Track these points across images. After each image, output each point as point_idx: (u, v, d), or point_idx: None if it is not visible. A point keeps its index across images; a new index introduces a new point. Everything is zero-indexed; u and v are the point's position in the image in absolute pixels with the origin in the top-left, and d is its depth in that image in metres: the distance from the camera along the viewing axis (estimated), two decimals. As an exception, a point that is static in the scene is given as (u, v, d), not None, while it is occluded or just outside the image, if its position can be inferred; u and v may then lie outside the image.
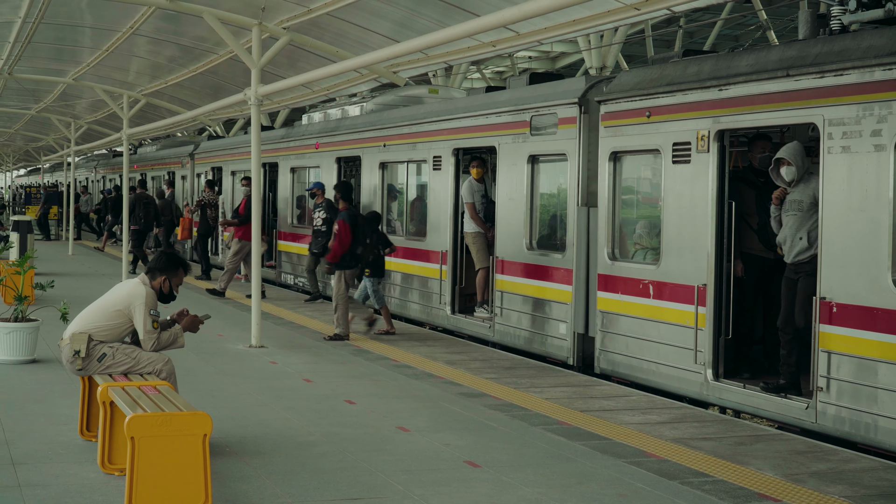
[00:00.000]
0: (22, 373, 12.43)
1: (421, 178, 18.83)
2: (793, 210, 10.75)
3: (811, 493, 7.90)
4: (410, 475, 8.25)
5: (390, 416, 10.45)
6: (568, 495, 7.81)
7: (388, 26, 15.24)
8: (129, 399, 7.73)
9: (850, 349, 9.72)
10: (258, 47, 15.52)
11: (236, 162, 28.38)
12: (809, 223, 10.53)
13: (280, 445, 9.13)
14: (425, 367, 13.21)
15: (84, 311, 9.29)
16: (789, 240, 10.76)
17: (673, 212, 12.02)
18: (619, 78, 13.31)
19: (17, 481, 7.84)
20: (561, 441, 9.51)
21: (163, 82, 25.40)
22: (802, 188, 10.69)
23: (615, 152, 13.10)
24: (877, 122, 9.46)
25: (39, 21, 19.52)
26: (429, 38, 12.62)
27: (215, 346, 14.68)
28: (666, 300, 12.12)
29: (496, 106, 15.83)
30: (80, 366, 8.93)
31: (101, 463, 8.20)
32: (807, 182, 10.66)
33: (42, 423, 9.82)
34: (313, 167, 23.39)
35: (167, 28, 19.40)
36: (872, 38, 9.72)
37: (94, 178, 52.24)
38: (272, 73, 18.82)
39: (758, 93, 10.83)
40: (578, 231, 13.87)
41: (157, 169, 38.43)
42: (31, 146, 60.62)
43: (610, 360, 13.09)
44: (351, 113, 22.07)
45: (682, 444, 9.42)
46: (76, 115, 37.88)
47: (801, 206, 10.66)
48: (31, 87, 31.49)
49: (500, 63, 41.26)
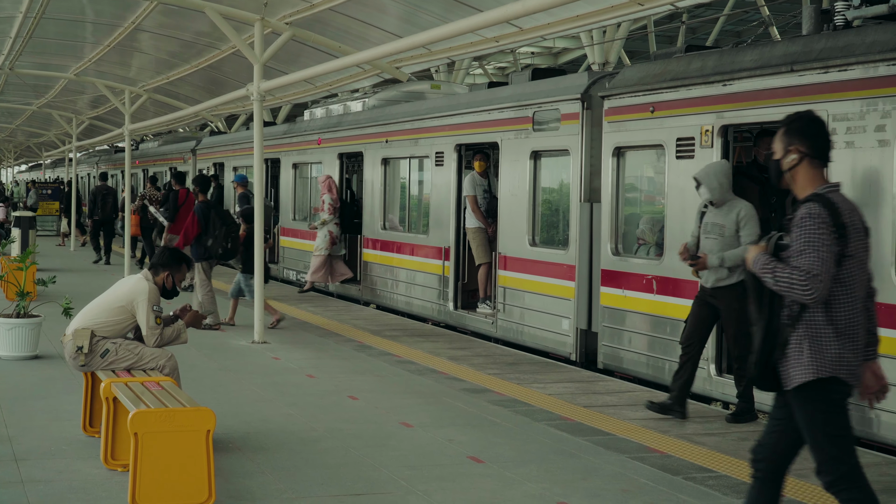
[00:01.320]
0: (24, 369, 12.42)
1: (423, 174, 18.82)
2: (714, 234, 10.18)
3: (814, 489, 7.89)
4: (414, 471, 8.24)
5: (393, 411, 10.44)
6: (571, 491, 7.80)
7: (391, 22, 15.23)
8: (132, 395, 7.72)
9: (854, 345, 9.68)
10: (260, 42, 15.49)
11: (238, 158, 28.37)
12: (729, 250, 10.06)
13: (283, 441, 9.12)
14: (428, 363, 13.21)
15: (87, 307, 9.28)
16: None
17: (676, 207, 12.00)
18: (623, 73, 13.29)
19: (20, 477, 7.84)
20: (564, 437, 9.50)
21: (165, 78, 25.37)
22: (726, 212, 10.17)
23: (618, 148, 13.09)
24: (881, 118, 9.44)
25: (41, 16, 19.50)
26: (431, 34, 12.60)
27: (218, 342, 14.67)
28: (669, 295, 12.11)
29: (499, 102, 15.82)
30: (83, 362, 8.92)
31: (105, 459, 8.19)
32: (731, 207, 10.16)
33: (45, 419, 9.81)
34: (315, 163, 23.38)
35: (169, 23, 19.38)
36: (876, 34, 9.71)
37: (94, 174, 52.26)
38: (274, 69, 18.81)
39: (762, 88, 10.81)
40: (581, 227, 13.86)
41: (159, 164, 38.43)
42: (33, 142, 60.61)
43: (613, 355, 13.08)
44: (353, 108, 22.06)
45: (686, 440, 9.41)
46: (78, 110, 37.85)
47: (723, 232, 10.11)
48: (32, 82, 31.48)
49: (503, 59, 41.22)
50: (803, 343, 5.54)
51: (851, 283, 5.58)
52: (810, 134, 5.83)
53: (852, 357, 5.56)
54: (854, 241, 5.57)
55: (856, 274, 5.60)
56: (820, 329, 5.54)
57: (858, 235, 5.61)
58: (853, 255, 5.57)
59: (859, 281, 5.63)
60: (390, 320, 17.61)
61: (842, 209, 5.55)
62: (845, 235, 5.51)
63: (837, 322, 5.54)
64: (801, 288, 5.42)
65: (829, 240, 5.47)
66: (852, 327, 5.58)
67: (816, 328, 5.54)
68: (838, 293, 5.54)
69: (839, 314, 5.55)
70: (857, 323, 5.60)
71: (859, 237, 5.62)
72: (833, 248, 5.47)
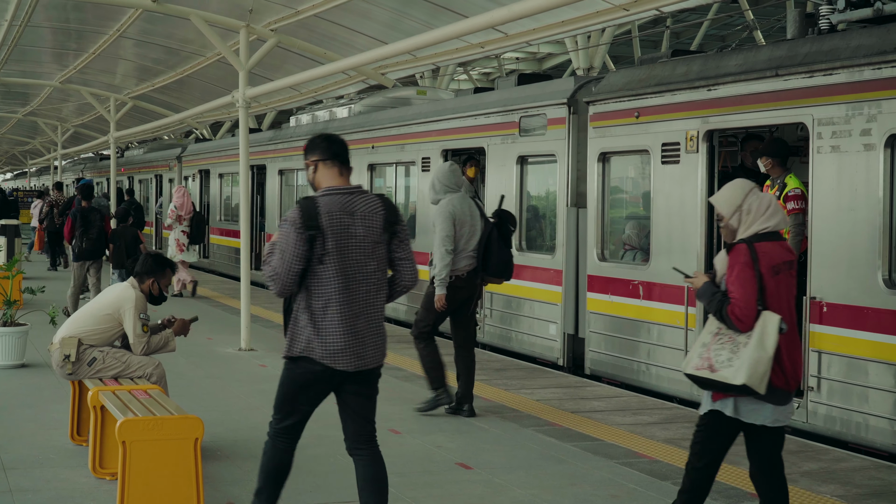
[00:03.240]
0: (11, 377, 12.38)
1: (410, 180, 18.82)
2: None
3: (803, 493, 7.91)
4: (402, 477, 8.23)
5: (381, 418, 10.34)
6: (560, 496, 7.81)
7: (376, 28, 15.23)
8: (119, 403, 7.70)
9: (841, 349, 9.73)
10: (246, 49, 15.49)
11: (224, 164, 28.35)
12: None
13: (271, 449, 9.10)
14: (415, 370, 13.18)
15: (73, 315, 9.26)
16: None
17: (662, 212, 12.02)
18: (608, 78, 13.31)
19: (7, 486, 7.81)
20: (552, 442, 9.50)
21: (150, 85, 25.36)
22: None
23: (604, 153, 13.11)
24: (866, 122, 9.47)
25: (26, 24, 19.47)
26: (416, 40, 12.62)
27: (205, 350, 14.64)
28: (656, 300, 12.13)
29: (485, 107, 15.83)
30: (71, 370, 8.89)
31: (93, 467, 8.17)
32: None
33: (32, 427, 9.78)
34: (301, 169, 23.36)
35: (154, 30, 19.37)
36: (861, 38, 9.74)
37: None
38: (260, 76, 18.80)
39: (747, 93, 10.84)
40: (568, 232, 13.88)
41: (144, 172, 38.37)
42: (18, 150, 60.46)
43: (600, 360, 13.10)
44: (339, 115, 22.06)
45: (674, 445, 9.42)
46: (63, 118, 37.80)
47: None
48: (17, 90, 31.43)
49: (488, 64, 41.27)
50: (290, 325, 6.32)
51: (327, 277, 6.08)
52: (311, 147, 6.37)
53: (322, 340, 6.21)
54: (332, 241, 6.05)
55: (332, 269, 6.08)
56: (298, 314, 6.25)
57: (338, 235, 6.09)
58: (330, 252, 6.06)
59: (340, 275, 6.11)
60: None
61: (321, 211, 6.06)
62: (321, 235, 6.03)
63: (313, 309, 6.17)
64: (269, 283, 6.17)
65: (296, 240, 6.02)
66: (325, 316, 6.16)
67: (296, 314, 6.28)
68: (313, 285, 6.12)
69: (314, 303, 6.15)
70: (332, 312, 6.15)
71: (340, 237, 6.09)
72: (301, 248, 6.02)
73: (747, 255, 6.15)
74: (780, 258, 6.23)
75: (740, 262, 6.16)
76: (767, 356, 6.00)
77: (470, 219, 10.46)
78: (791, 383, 6.19)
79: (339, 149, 6.32)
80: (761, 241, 6.22)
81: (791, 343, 6.19)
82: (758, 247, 6.18)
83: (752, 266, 6.12)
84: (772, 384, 6.08)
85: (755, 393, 6.04)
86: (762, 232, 6.25)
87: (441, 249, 10.32)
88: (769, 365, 6.01)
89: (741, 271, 6.13)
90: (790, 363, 6.16)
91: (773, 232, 6.28)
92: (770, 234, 6.27)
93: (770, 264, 6.17)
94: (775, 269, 6.19)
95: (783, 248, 6.32)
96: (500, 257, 10.57)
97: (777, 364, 6.09)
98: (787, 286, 6.25)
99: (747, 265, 6.13)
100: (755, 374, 5.98)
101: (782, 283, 6.22)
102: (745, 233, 6.28)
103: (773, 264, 6.18)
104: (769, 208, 6.30)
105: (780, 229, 6.36)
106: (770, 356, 6.01)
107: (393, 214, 6.25)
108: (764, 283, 6.12)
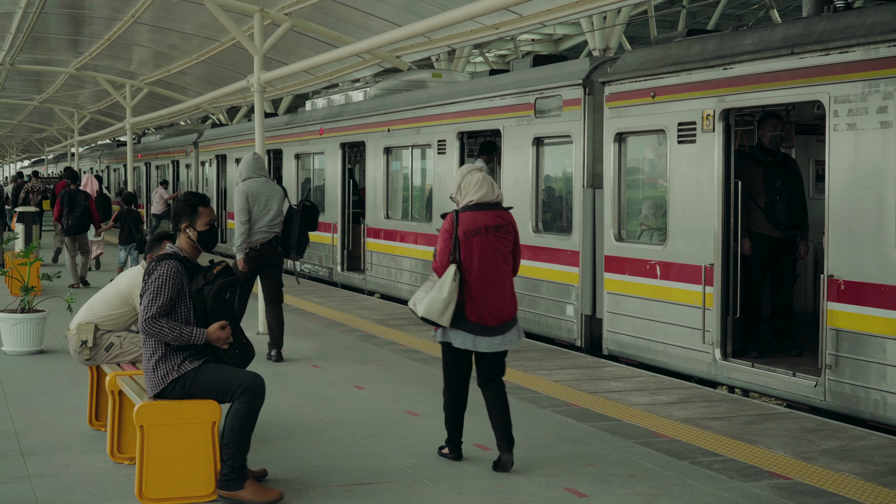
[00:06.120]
0: (29, 364, 12.43)
1: (426, 163, 18.81)
2: None
3: (822, 471, 7.89)
4: (420, 459, 8.24)
5: (399, 400, 10.45)
6: (578, 477, 7.80)
7: (391, 10, 15.21)
8: (137, 388, 7.72)
9: (859, 326, 9.70)
10: (260, 34, 15.48)
11: (240, 150, 28.36)
12: None
13: (289, 432, 9.13)
14: (433, 352, 13.19)
15: (90, 300, 9.27)
16: None
17: (679, 192, 11.99)
18: (623, 59, 13.26)
19: (26, 472, 7.84)
20: (570, 423, 9.50)
21: (165, 71, 25.39)
22: None
23: (620, 133, 13.07)
24: (883, 99, 9.42)
25: (40, 11, 19.51)
26: (431, 22, 12.58)
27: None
28: (673, 280, 12.10)
29: (500, 89, 15.79)
30: (88, 356, 8.91)
31: (111, 452, 8.19)
32: None
33: (51, 413, 9.82)
34: (318, 153, 23.38)
35: (168, 16, 19.39)
36: (877, 15, 9.68)
37: (98, 168, 52.24)
38: (275, 60, 18.81)
39: (763, 71, 10.79)
40: (584, 212, 13.85)
41: (161, 158, 38.42)
42: (35, 137, 60.61)
43: (618, 341, 13.08)
44: (354, 98, 22.04)
45: (692, 424, 9.41)
46: (79, 105, 37.86)
47: None
48: (33, 77, 31.48)
49: (503, 46, 41.20)
50: None
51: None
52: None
53: None
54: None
55: None
56: None
57: None
58: None
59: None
60: (395, 309, 17.60)
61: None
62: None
63: None
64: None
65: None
66: None
67: None
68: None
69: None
70: None
71: None
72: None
73: (450, 221, 7.83)
74: (480, 223, 7.80)
75: (444, 227, 7.85)
76: (441, 297, 7.64)
77: (266, 200, 12.35)
78: (486, 319, 7.81)
79: None
80: (466, 211, 7.83)
81: (485, 287, 7.79)
82: (462, 215, 7.81)
83: (451, 230, 7.78)
84: (466, 318, 7.75)
85: (438, 324, 7.77)
86: (470, 204, 7.85)
87: (237, 222, 12.37)
88: (446, 304, 7.65)
89: (442, 234, 7.84)
90: (483, 303, 7.78)
91: (478, 203, 7.85)
92: (476, 204, 7.85)
93: (466, 228, 7.75)
94: (472, 232, 7.75)
95: (488, 216, 7.84)
96: (301, 240, 12.69)
97: (471, 302, 7.75)
98: (480, 244, 7.78)
99: (447, 230, 7.81)
100: (432, 310, 7.68)
101: (476, 242, 7.76)
102: (462, 204, 7.90)
103: (469, 228, 7.75)
104: (476, 185, 7.89)
105: (488, 199, 7.87)
106: (444, 297, 7.63)
107: None
108: (459, 243, 7.74)
